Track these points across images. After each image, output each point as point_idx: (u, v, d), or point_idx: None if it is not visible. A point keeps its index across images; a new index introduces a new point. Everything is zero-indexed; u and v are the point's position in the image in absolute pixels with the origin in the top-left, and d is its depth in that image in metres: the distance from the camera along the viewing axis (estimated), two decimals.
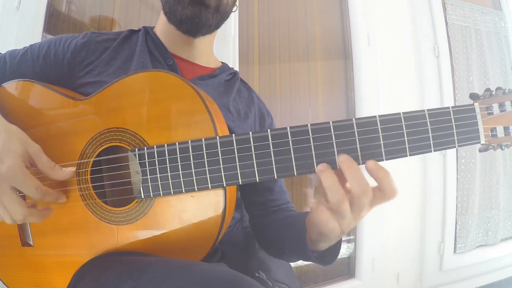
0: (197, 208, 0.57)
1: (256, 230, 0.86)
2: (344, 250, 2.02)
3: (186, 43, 0.84)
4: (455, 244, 2.14)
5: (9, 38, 1.29)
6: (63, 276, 0.64)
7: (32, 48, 0.78)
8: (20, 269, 0.68)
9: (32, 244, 0.66)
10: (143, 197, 0.58)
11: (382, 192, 0.50)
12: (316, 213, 0.52)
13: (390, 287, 1.98)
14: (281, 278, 0.78)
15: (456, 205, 2.12)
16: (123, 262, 0.57)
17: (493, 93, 0.52)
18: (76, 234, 0.63)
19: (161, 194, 0.57)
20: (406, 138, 0.50)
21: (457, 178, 2.13)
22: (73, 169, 0.60)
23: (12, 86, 0.70)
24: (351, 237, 2.02)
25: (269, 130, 0.52)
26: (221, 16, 0.81)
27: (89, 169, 0.62)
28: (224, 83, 0.87)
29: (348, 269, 2.01)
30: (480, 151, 0.54)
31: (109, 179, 0.65)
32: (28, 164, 0.57)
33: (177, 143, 0.55)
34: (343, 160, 0.50)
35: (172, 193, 0.56)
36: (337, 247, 0.62)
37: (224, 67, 0.93)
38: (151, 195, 0.57)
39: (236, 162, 0.53)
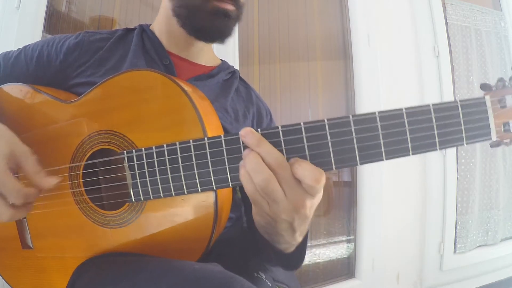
0: (188, 211, 0.56)
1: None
2: (344, 250, 2.02)
3: (188, 43, 0.83)
4: (455, 244, 2.13)
5: (9, 38, 1.30)
6: (63, 278, 0.64)
7: (25, 49, 0.78)
8: (22, 270, 0.69)
9: (31, 246, 0.67)
10: (133, 200, 0.57)
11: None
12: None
13: (390, 287, 1.98)
14: (280, 278, 0.77)
15: (456, 205, 2.12)
16: (119, 262, 0.57)
17: (507, 83, 0.47)
18: (73, 237, 0.63)
19: (151, 198, 0.56)
20: (408, 136, 0.46)
21: (457, 178, 2.13)
22: (55, 180, 0.58)
23: (2, 90, 0.70)
24: (351, 237, 2.02)
25: (259, 130, 0.49)
26: (237, 23, 0.81)
27: (81, 172, 0.62)
28: (222, 83, 0.86)
29: (348, 269, 2.01)
30: (492, 146, 0.50)
31: (103, 182, 0.65)
32: (13, 166, 0.56)
33: (165, 145, 0.54)
34: (244, 134, 0.48)
35: (162, 196, 0.55)
36: (301, 250, 0.61)
37: (223, 65, 0.92)
38: (142, 199, 0.56)
39: (225, 165, 0.51)
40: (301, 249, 0.62)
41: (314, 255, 1.95)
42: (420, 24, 2.13)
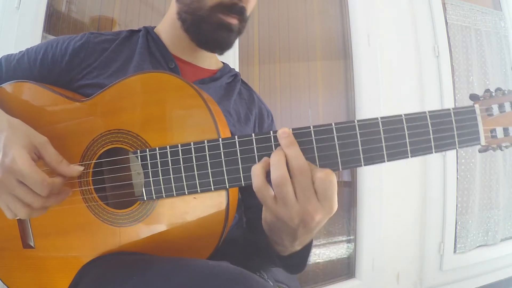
0: (200, 209, 0.57)
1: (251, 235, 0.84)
2: (344, 250, 2.03)
3: (192, 48, 0.83)
4: (455, 244, 2.14)
5: (9, 38, 1.29)
6: (65, 278, 0.63)
7: (28, 52, 0.77)
8: (22, 271, 0.68)
9: (33, 246, 0.66)
10: (145, 199, 0.57)
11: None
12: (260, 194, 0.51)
13: (390, 287, 1.98)
14: (281, 279, 0.78)
15: (456, 205, 2.12)
16: (127, 260, 0.57)
17: (493, 94, 0.52)
18: (78, 236, 0.63)
19: (164, 196, 0.56)
20: (407, 140, 0.50)
21: (457, 178, 2.13)
22: (81, 168, 0.59)
23: (11, 87, 0.69)
24: (351, 237, 2.02)
25: (271, 132, 0.52)
26: (239, 36, 0.82)
27: (91, 170, 0.62)
28: (225, 86, 0.86)
29: (348, 269, 2.01)
30: (480, 151, 0.54)
31: (111, 181, 0.65)
32: (34, 156, 0.56)
33: (179, 145, 0.55)
34: (281, 134, 0.50)
35: (174, 195, 0.56)
36: (302, 257, 0.62)
37: (225, 68, 0.92)
38: (154, 197, 0.57)
39: (239, 164, 0.53)
40: (303, 256, 0.63)
41: (314, 255, 1.96)
42: (420, 24, 2.13)
